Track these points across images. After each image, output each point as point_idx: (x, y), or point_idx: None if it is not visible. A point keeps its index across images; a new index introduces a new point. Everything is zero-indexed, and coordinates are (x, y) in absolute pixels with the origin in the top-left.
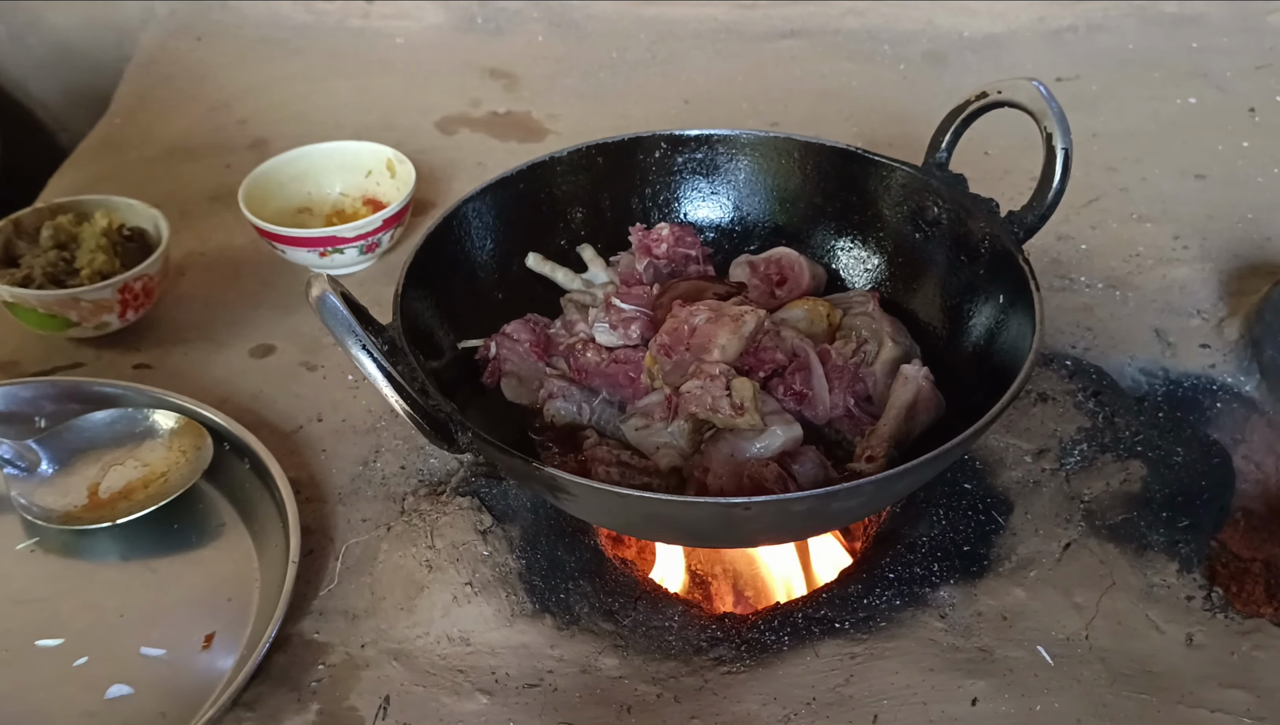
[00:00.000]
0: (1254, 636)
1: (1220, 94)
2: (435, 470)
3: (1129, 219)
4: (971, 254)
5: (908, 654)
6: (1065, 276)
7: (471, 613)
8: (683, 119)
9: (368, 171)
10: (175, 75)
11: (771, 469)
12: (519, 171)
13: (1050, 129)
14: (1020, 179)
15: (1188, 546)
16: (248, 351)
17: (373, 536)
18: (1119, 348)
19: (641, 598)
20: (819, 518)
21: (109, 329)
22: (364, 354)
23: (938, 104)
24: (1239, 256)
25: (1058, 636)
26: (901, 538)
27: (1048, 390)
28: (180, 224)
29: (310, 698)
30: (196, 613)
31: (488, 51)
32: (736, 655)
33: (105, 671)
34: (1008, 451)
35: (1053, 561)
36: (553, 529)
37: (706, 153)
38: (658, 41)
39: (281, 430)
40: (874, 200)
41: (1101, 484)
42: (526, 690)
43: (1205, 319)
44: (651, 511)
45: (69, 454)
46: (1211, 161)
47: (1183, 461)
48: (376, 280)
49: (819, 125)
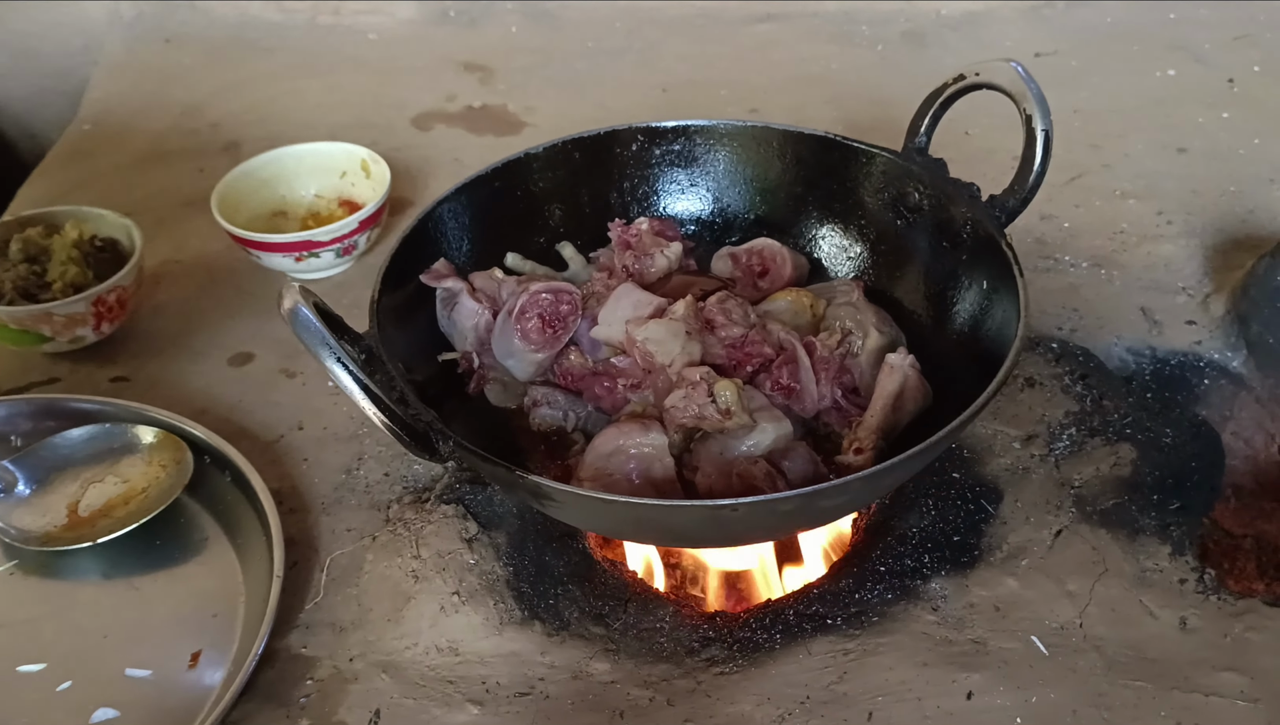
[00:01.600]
0: (1246, 618)
1: (1199, 66)
2: (419, 477)
3: (1112, 196)
4: (954, 240)
5: (901, 649)
6: (1050, 256)
7: (460, 622)
8: (661, 108)
9: (342, 172)
10: (144, 79)
11: (760, 467)
12: (494, 170)
13: (1030, 110)
14: (1003, 158)
15: (1179, 529)
16: (226, 360)
17: (358, 547)
18: (1106, 328)
19: (631, 600)
20: (807, 515)
21: (84, 342)
22: (338, 366)
23: (918, 84)
24: (1223, 231)
25: (1052, 626)
26: (891, 529)
27: (1035, 374)
28: (154, 231)
29: (299, 713)
30: (181, 631)
31: (462, 45)
32: (729, 655)
33: (90, 695)
34: (996, 438)
35: (1044, 549)
36: (539, 534)
37: (684, 144)
38: (634, 30)
39: (262, 440)
40: (855, 188)
41: (1091, 469)
42: (518, 699)
43: (1191, 295)
44: (638, 516)
45: (46, 473)
46: (1193, 135)
47: (1172, 443)
48: (355, 283)
49: (799, 110)
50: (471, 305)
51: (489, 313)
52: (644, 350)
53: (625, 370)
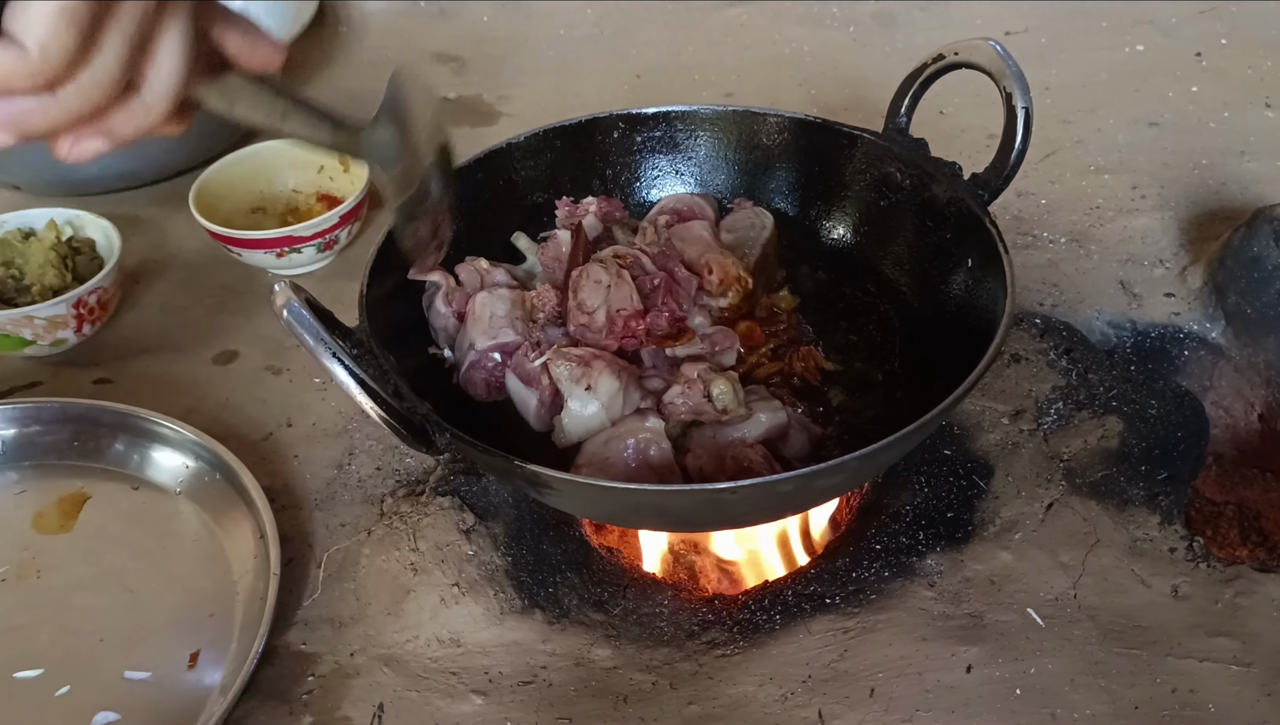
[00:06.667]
0: (1236, 583)
1: (1167, 40)
2: (412, 470)
3: (1087, 171)
4: (938, 219)
5: (900, 625)
6: (1028, 233)
7: (460, 613)
8: (635, 94)
9: (320, 166)
10: None
11: (757, 449)
12: (476, 160)
13: (1009, 88)
14: (978, 136)
15: (1167, 498)
16: (211, 359)
17: (353, 542)
18: (1086, 302)
19: (630, 585)
20: (804, 496)
21: (66, 346)
22: (335, 363)
23: (890, 65)
24: (1197, 203)
25: (1046, 597)
26: (885, 508)
27: (1020, 350)
28: (132, 230)
29: (302, 710)
30: (179, 632)
31: (433, 35)
32: (729, 638)
33: (90, 699)
34: (984, 415)
35: (1036, 522)
36: (536, 523)
37: (665, 130)
38: (604, 16)
39: (251, 438)
40: (837, 169)
41: (1080, 442)
42: (521, 688)
43: (1168, 268)
44: (637, 502)
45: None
46: (1163, 108)
47: (1157, 413)
48: (337, 277)
49: (773, 93)
50: (441, 308)
51: (454, 317)
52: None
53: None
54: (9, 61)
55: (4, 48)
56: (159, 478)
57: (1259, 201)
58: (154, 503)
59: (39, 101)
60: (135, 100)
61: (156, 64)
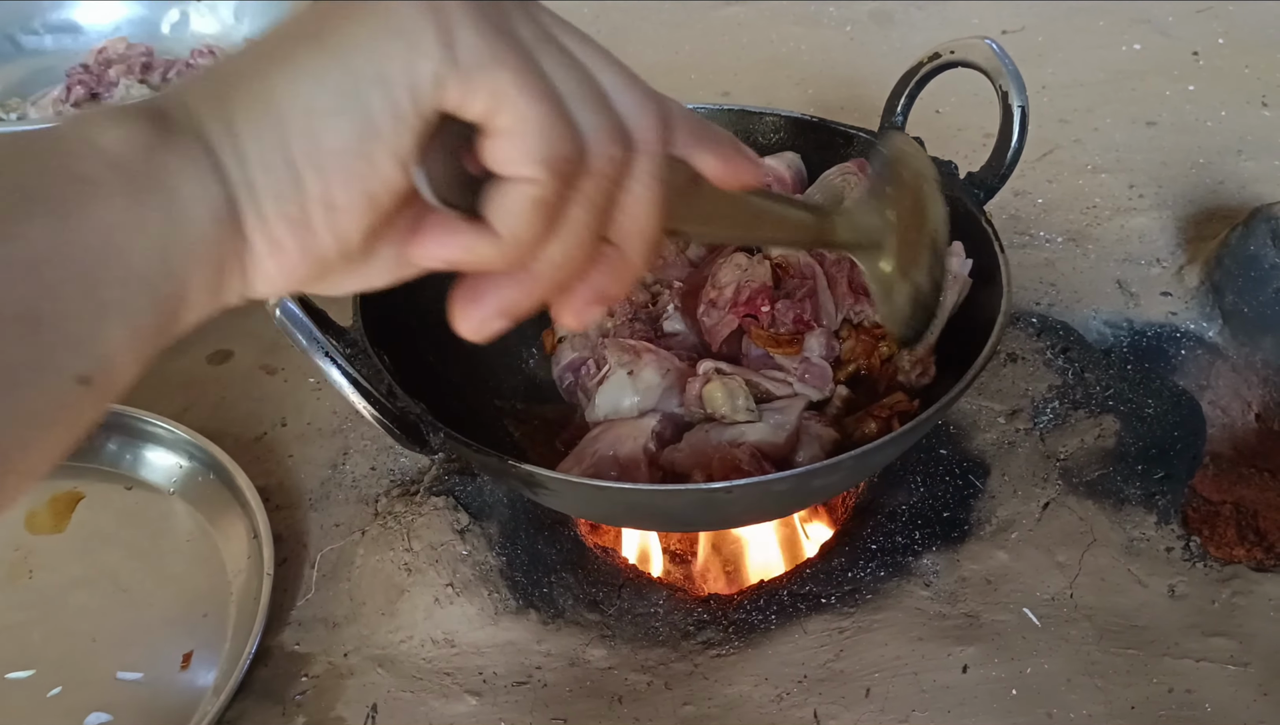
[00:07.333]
0: (1233, 583)
1: (1164, 39)
2: (407, 469)
3: (1084, 170)
4: None
5: (895, 625)
6: (1025, 232)
7: (455, 613)
8: None
9: None
10: None
11: (744, 449)
12: None
13: (1006, 87)
14: (974, 135)
15: (1164, 498)
16: (205, 358)
17: (348, 542)
18: (1083, 301)
19: (625, 585)
20: (800, 495)
21: None
22: (328, 362)
23: (887, 64)
24: (1194, 202)
25: (1043, 597)
26: (881, 507)
27: (1016, 349)
28: None
29: (296, 710)
30: (172, 632)
31: None
32: (725, 637)
33: (82, 700)
34: (980, 414)
35: (1033, 522)
36: (531, 523)
37: None
38: (601, 15)
39: (245, 438)
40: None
41: (1076, 441)
42: (516, 688)
43: (1165, 267)
44: (632, 501)
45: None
46: (1160, 108)
47: (1154, 413)
48: None
49: (770, 93)
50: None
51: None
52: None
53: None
54: (484, 248)
55: (479, 234)
56: (152, 477)
57: (1256, 200)
58: (147, 503)
59: (517, 282)
60: (615, 255)
61: (630, 215)
